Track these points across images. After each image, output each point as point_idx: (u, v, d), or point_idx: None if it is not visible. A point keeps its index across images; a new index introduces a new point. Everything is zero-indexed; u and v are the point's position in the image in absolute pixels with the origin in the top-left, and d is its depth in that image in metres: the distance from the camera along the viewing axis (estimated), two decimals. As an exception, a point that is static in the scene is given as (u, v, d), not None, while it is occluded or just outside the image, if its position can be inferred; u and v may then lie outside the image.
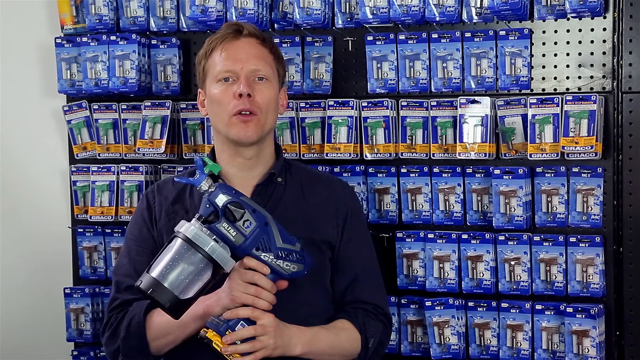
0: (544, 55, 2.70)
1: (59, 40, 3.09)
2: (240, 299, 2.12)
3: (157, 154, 2.97)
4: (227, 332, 2.10)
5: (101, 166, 3.07)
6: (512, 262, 2.69)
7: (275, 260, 2.11)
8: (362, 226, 2.46)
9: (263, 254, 2.10)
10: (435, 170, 2.77)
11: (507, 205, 2.68)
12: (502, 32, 2.70)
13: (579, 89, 2.67)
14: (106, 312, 2.37)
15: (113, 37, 3.00)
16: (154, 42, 3.03)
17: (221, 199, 2.06)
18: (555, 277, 2.66)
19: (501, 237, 2.70)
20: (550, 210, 2.68)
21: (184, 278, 2.03)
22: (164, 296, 2.03)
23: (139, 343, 2.28)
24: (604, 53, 2.64)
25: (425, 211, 2.80)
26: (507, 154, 2.72)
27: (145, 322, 2.27)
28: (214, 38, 2.35)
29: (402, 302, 2.82)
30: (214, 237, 2.05)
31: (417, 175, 2.79)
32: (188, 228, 2.05)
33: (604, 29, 2.64)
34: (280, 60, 2.39)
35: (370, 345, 2.34)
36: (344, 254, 2.37)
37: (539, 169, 2.68)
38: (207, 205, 2.07)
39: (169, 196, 2.38)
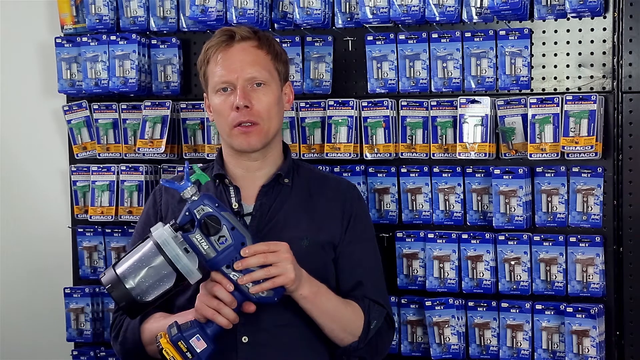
0: (544, 55, 2.70)
1: (59, 40, 3.09)
2: (201, 310, 2.09)
3: (157, 153, 2.97)
4: (179, 343, 2.04)
5: (101, 166, 3.07)
6: (512, 262, 2.69)
7: None
8: (368, 229, 2.44)
9: (232, 273, 2.06)
10: (435, 170, 2.77)
11: (507, 205, 2.68)
12: (502, 32, 2.70)
13: (579, 88, 2.67)
14: (112, 312, 2.37)
15: (113, 37, 3.00)
16: (154, 42, 3.03)
17: (200, 211, 2.03)
18: (555, 277, 2.66)
19: (501, 237, 2.70)
20: (550, 210, 2.68)
21: (144, 281, 2.01)
22: (120, 295, 2.01)
23: (135, 347, 2.29)
24: (604, 53, 2.64)
25: (425, 211, 2.80)
26: (507, 154, 2.72)
27: (141, 326, 2.27)
28: (210, 45, 2.33)
29: (402, 302, 2.82)
30: (185, 246, 2.03)
31: (417, 175, 2.79)
32: (160, 233, 2.03)
33: (604, 29, 2.64)
34: (279, 58, 2.35)
35: (372, 327, 2.31)
36: (348, 257, 2.35)
37: (539, 169, 2.68)
38: (187, 214, 2.04)
39: (175, 195, 2.36)
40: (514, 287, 2.70)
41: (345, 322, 2.28)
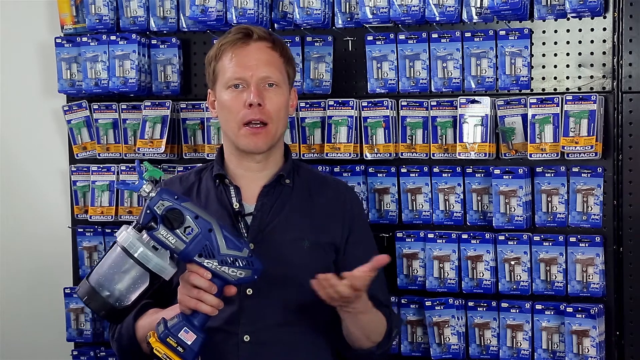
0: (544, 55, 2.70)
1: (59, 40, 3.09)
2: (184, 302, 2.08)
3: (157, 154, 2.97)
4: (167, 340, 2.03)
5: (101, 166, 3.07)
6: (512, 262, 2.69)
7: (219, 266, 2.04)
8: (368, 229, 2.46)
9: (206, 261, 2.04)
10: (435, 170, 2.77)
11: (507, 205, 2.67)
12: (502, 32, 2.70)
13: (579, 88, 2.67)
14: None
15: (113, 37, 3.00)
16: (154, 42, 3.03)
17: (160, 206, 2.02)
18: (555, 277, 2.66)
19: (501, 237, 2.70)
20: (550, 210, 2.68)
21: (119, 287, 2.01)
22: (98, 305, 2.00)
23: (130, 344, 2.29)
24: (604, 53, 2.64)
25: (425, 211, 2.79)
26: (507, 154, 2.72)
27: (135, 323, 2.27)
28: (225, 41, 2.33)
29: (402, 302, 2.81)
30: (153, 244, 2.01)
31: (417, 175, 2.79)
32: (124, 236, 2.02)
33: (604, 29, 2.64)
34: (290, 62, 2.37)
35: (393, 335, 2.34)
36: (354, 257, 2.34)
37: (539, 169, 2.68)
38: (147, 212, 2.03)
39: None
40: (514, 287, 2.70)
41: (371, 332, 2.30)
